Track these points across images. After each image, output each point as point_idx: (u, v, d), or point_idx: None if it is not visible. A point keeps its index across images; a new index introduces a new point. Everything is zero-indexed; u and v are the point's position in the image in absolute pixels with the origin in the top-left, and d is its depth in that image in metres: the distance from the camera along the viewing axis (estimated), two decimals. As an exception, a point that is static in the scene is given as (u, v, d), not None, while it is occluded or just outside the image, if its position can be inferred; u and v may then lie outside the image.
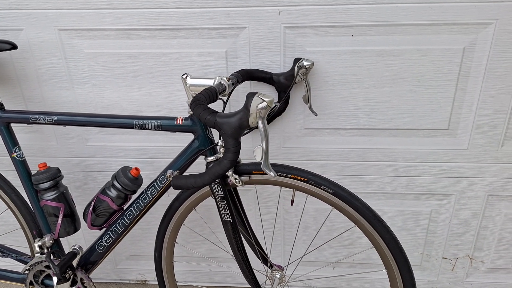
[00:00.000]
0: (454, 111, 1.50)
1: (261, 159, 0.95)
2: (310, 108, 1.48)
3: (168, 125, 1.24)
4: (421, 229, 1.75)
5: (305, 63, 1.38)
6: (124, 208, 1.40)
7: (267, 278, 1.48)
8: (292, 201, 1.33)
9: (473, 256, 1.78)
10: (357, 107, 1.52)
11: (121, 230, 1.39)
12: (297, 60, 1.39)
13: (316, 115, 1.55)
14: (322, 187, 1.20)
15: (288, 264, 1.84)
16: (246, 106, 0.94)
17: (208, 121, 0.97)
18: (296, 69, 1.38)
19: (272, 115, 1.49)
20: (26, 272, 1.49)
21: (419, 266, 1.84)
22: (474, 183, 1.62)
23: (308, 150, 1.62)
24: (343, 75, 1.47)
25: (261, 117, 0.94)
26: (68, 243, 1.95)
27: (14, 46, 1.42)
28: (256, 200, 1.76)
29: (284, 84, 1.42)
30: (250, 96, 0.94)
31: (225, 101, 1.22)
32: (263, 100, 0.93)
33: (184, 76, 1.18)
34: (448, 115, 1.50)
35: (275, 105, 1.45)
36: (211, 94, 1.06)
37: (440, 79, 1.44)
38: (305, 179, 1.22)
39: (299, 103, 1.54)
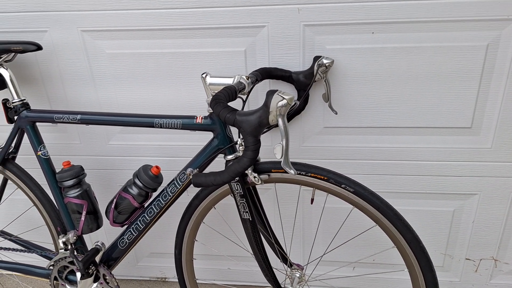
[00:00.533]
0: (477, 109, 1.47)
1: (281, 157, 0.95)
2: (330, 106, 1.47)
3: (188, 124, 1.26)
4: (443, 230, 1.72)
5: (324, 61, 1.37)
6: (145, 205, 1.42)
7: (287, 277, 1.48)
8: (312, 200, 1.32)
9: (497, 257, 1.75)
10: (378, 105, 1.50)
11: (142, 227, 1.41)
12: (316, 58, 1.39)
13: (336, 114, 1.54)
14: (343, 185, 1.20)
15: (307, 263, 1.83)
16: (266, 104, 0.94)
17: (227, 119, 0.97)
18: (315, 67, 1.37)
19: (291, 114, 1.49)
20: (51, 267, 1.52)
21: (442, 267, 1.81)
22: (498, 183, 1.59)
23: (327, 149, 1.62)
24: (363, 73, 1.46)
25: (281, 115, 0.94)
26: (90, 240, 1.99)
27: (39, 47, 1.46)
28: (275, 199, 1.76)
29: (303, 83, 1.41)
30: (270, 94, 0.94)
31: (244, 99, 1.22)
32: (283, 98, 0.93)
33: (204, 75, 1.19)
34: (471, 113, 1.48)
35: (295, 103, 1.45)
36: (231, 92, 1.06)
37: (463, 77, 1.42)
38: (325, 178, 1.21)
39: (319, 102, 1.53)
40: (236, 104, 1.47)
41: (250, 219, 1.30)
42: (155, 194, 1.46)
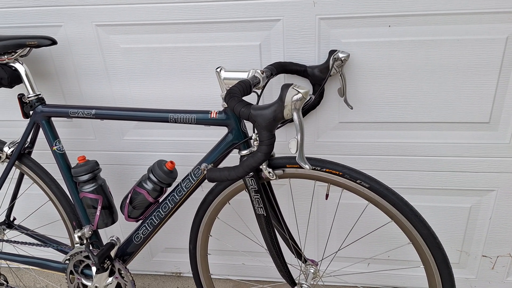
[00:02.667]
0: (495, 103, 1.44)
1: (296, 152, 0.94)
2: (345, 101, 1.46)
3: (202, 118, 1.25)
4: (459, 226, 1.70)
5: (340, 55, 1.36)
6: (160, 200, 1.42)
7: (301, 272, 1.47)
8: (327, 195, 1.31)
9: (515, 254, 1.73)
10: (394, 100, 1.48)
11: (157, 222, 1.41)
12: (332, 52, 1.37)
13: (352, 109, 1.52)
14: (358, 181, 1.19)
15: (322, 259, 1.82)
16: (281, 98, 0.93)
17: (242, 113, 0.96)
18: (331, 61, 1.36)
19: (306, 109, 1.48)
20: (67, 261, 1.54)
21: (458, 264, 1.79)
22: (516, 179, 1.56)
23: (342, 144, 1.60)
24: (379, 67, 1.44)
25: (296, 109, 0.93)
26: (106, 235, 2.00)
27: (54, 42, 1.47)
28: (290, 195, 1.76)
29: (318, 77, 1.40)
30: (285, 87, 0.93)
31: (259, 94, 1.22)
32: (298, 92, 0.92)
33: (218, 70, 1.19)
34: (489, 108, 1.45)
35: (310, 97, 1.44)
36: (245, 86, 1.06)
37: (481, 71, 1.39)
38: (340, 173, 1.20)
39: (334, 96, 1.52)
40: (250, 98, 1.46)
41: (265, 215, 1.29)
42: (169, 190, 1.46)
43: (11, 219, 1.75)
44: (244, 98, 1.37)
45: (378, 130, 1.55)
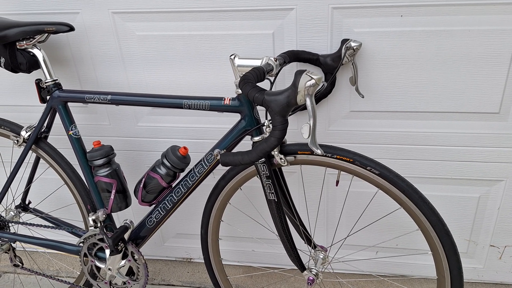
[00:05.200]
0: (506, 94, 1.45)
1: (308, 137, 0.96)
2: (357, 90, 1.47)
3: (216, 105, 1.28)
4: (468, 216, 1.72)
5: (352, 44, 1.37)
6: (173, 185, 1.45)
7: (311, 258, 1.50)
8: (337, 182, 1.33)
9: (523, 244, 1.74)
10: (405, 89, 1.50)
11: (169, 206, 1.44)
12: (344, 41, 1.39)
13: (363, 97, 1.54)
14: (368, 168, 1.20)
15: (331, 245, 1.85)
16: (294, 84, 0.95)
17: (256, 99, 0.99)
18: (343, 50, 1.37)
19: (318, 97, 1.50)
20: (81, 244, 1.57)
21: (466, 253, 1.81)
22: (526, 169, 1.57)
23: (353, 133, 1.62)
24: (391, 57, 1.45)
25: (309, 95, 0.95)
26: (118, 219, 2.04)
27: (71, 28, 1.49)
28: (300, 182, 1.78)
29: (331, 66, 1.42)
30: (299, 73, 0.95)
31: (272, 81, 1.24)
32: (312, 78, 0.93)
33: (232, 57, 1.21)
34: (500, 98, 1.46)
35: (323, 84, 1.46)
36: (259, 73, 1.08)
37: (492, 61, 1.40)
38: (350, 160, 1.22)
39: (346, 85, 1.53)
40: (264, 85, 1.49)
41: (276, 200, 1.31)
42: (182, 175, 1.49)
43: (27, 202, 1.79)
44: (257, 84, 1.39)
45: (389, 119, 1.57)
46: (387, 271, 1.92)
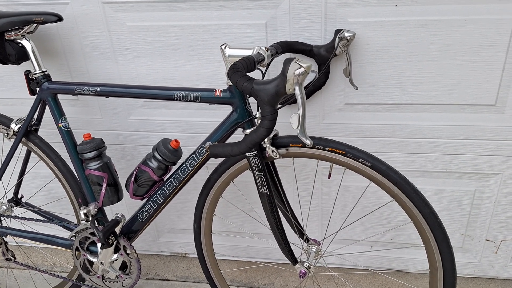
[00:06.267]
0: (502, 85, 1.43)
1: (298, 127, 0.94)
2: (351, 81, 1.45)
3: (207, 96, 1.26)
4: (463, 210, 1.70)
5: (346, 34, 1.35)
6: (165, 179, 1.43)
7: (303, 251, 1.49)
8: (330, 175, 1.32)
9: (519, 238, 1.72)
10: (399, 81, 1.48)
11: (161, 200, 1.43)
12: (338, 31, 1.36)
13: (357, 89, 1.51)
14: (360, 160, 1.19)
15: (323, 239, 1.83)
16: (283, 72, 0.93)
17: (245, 88, 0.97)
18: (336, 41, 1.35)
19: (312, 89, 1.48)
20: (73, 238, 1.56)
21: (461, 247, 1.79)
22: (522, 162, 1.56)
23: (348, 126, 1.60)
24: (385, 47, 1.43)
25: (298, 83, 0.93)
26: (112, 213, 2.02)
27: (60, 18, 1.47)
28: (294, 177, 1.76)
29: (324, 57, 1.40)
30: (288, 61, 0.93)
31: (263, 72, 1.22)
32: (301, 66, 0.91)
33: (223, 47, 1.19)
34: (496, 90, 1.44)
35: (315, 76, 1.43)
36: (249, 63, 1.06)
37: (488, 52, 1.38)
38: (342, 152, 1.20)
39: (340, 78, 1.51)
40: (255, 77, 1.46)
41: (268, 194, 1.30)
42: (174, 168, 1.47)
43: (19, 196, 1.77)
44: (248, 75, 1.37)
45: (383, 112, 1.55)
46: (382, 265, 1.90)
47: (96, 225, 1.49)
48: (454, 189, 1.66)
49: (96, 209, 1.50)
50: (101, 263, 1.54)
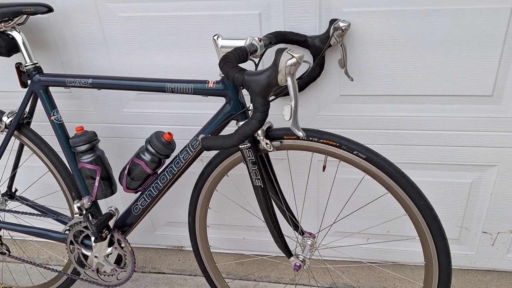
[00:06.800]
0: (499, 76, 1.41)
1: (290, 119, 0.93)
2: (346, 72, 1.43)
3: (199, 88, 1.24)
4: (460, 202, 1.69)
5: (341, 24, 1.33)
6: (158, 172, 1.42)
7: (298, 244, 1.48)
8: (324, 167, 1.30)
9: (516, 230, 1.72)
10: (395, 72, 1.46)
11: (155, 193, 1.42)
12: (333, 21, 1.35)
13: (352, 80, 1.50)
14: (355, 152, 1.18)
15: (318, 231, 1.82)
16: (275, 63, 0.92)
17: (236, 79, 0.95)
18: (331, 31, 1.33)
19: (307, 81, 1.46)
20: (67, 232, 1.55)
21: (458, 240, 1.78)
22: (519, 154, 1.54)
23: (343, 118, 1.58)
24: (381, 38, 1.41)
25: (291, 74, 0.91)
26: (106, 206, 2.00)
27: (50, 9, 1.45)
28: (289, 170, 1.75)
29: (319, 47, 1.38)
30: (279, 52, 0.92)
31: (256, 62, 1.20)
32: (293, 56, 0.90)
33: (216, 37, 1.17)
34: (493, 81, 1.42)
35: (309, 66, 1.42)
36: (241, 53, 1.04)
37: (485, 42, 1.36)
38: (337, 144, 1.19)
39: (335, 69, 1.49)
40: (249, 68, 1.45)
41: (262, 186, 1.29)
42: (168, 161, 1.46)
43: (13, 190, 1.76)
44: (241, 66, 1.36)
45: (379, 104, 1.53)
46: (378, 258, 1.90)
47: (90, 218, 1.48)
48: (450, 181, 1.65)
49: (89, 203, 1.49)
50: (96, 256, 1.53)
